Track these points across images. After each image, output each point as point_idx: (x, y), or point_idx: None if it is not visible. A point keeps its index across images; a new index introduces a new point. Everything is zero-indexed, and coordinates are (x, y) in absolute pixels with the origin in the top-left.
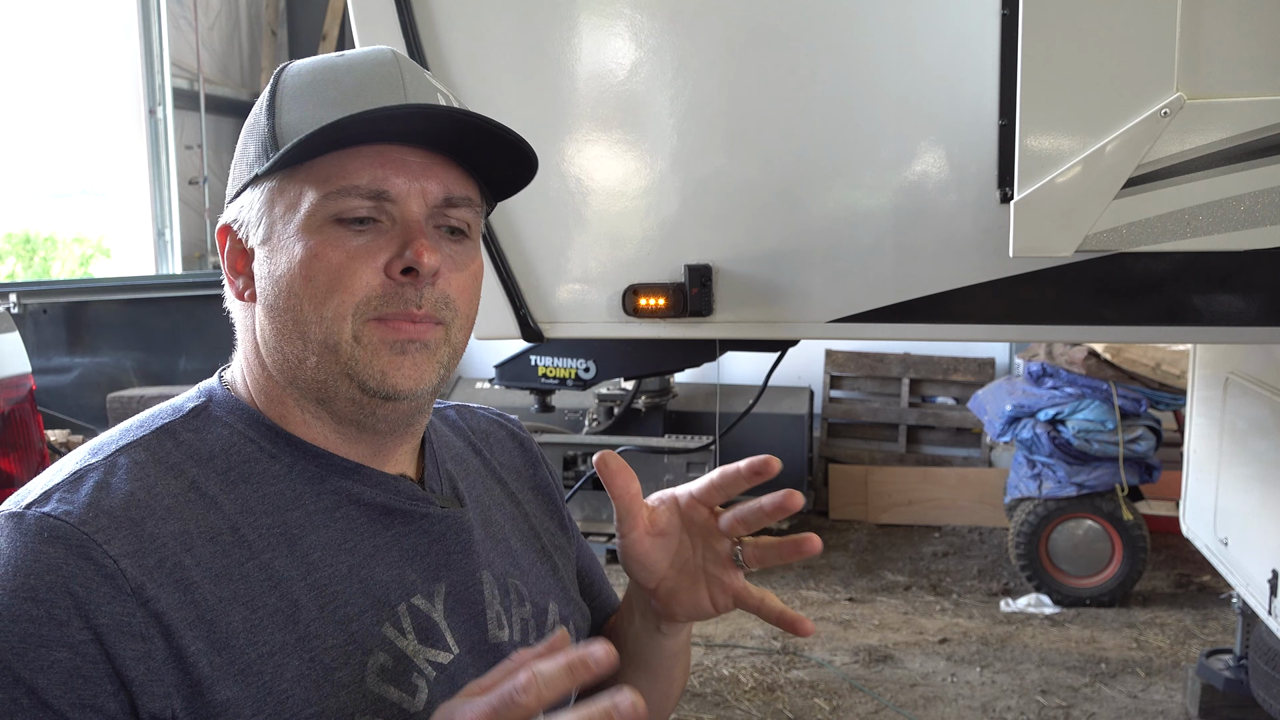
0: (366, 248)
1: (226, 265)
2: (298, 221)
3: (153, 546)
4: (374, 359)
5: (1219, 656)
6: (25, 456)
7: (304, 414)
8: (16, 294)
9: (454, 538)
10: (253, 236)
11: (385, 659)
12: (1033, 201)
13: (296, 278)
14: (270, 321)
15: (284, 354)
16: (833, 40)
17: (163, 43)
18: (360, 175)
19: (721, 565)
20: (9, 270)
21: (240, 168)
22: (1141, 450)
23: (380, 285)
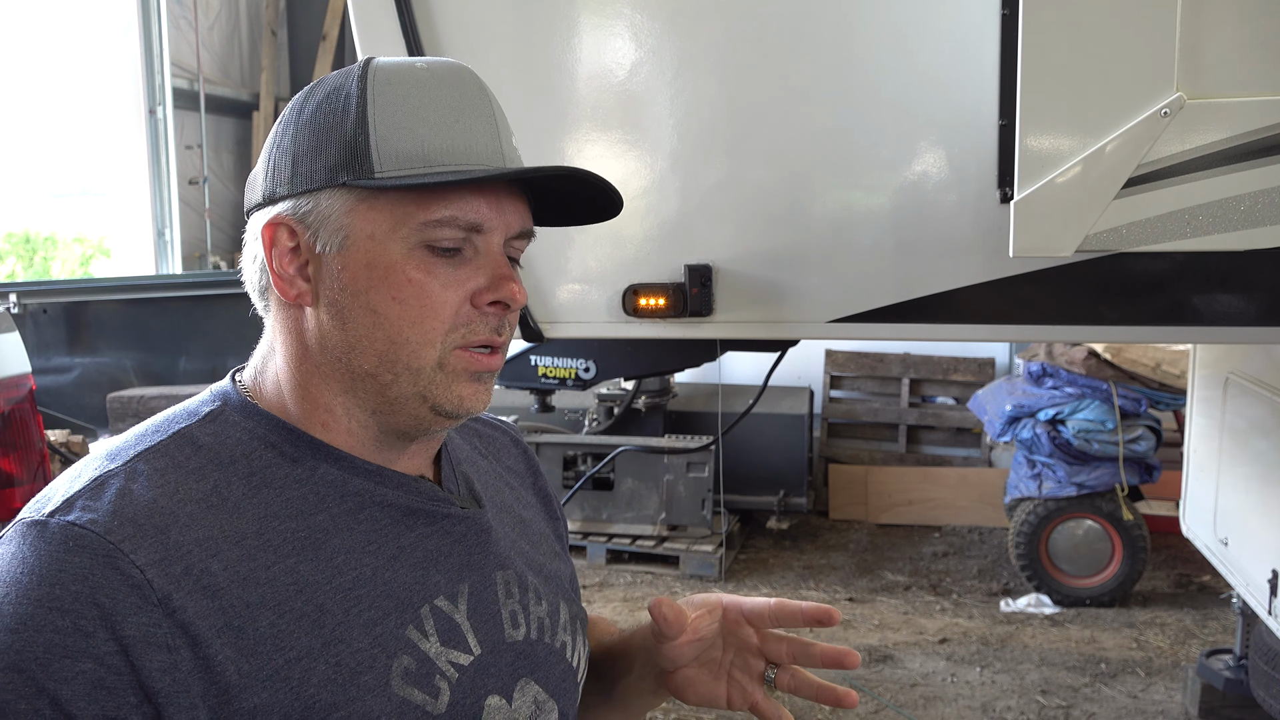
0: (457, 277)
1: (275, 262)
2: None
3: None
4: (454, 385)
5: (1219, 656)
6: (25, 456)
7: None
8: (16, 294)
9: (475, 538)
10: (324, 242)
11: (409, 661)
12: (1033, 201)
13: (384, 297)
14: (342, 333)
15: (350, 365)
16: (833, 40)
17: (163, 43)
18: (463, 210)
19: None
20: (9, 270)
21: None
22: (1141, 450)
23: (468, 314)
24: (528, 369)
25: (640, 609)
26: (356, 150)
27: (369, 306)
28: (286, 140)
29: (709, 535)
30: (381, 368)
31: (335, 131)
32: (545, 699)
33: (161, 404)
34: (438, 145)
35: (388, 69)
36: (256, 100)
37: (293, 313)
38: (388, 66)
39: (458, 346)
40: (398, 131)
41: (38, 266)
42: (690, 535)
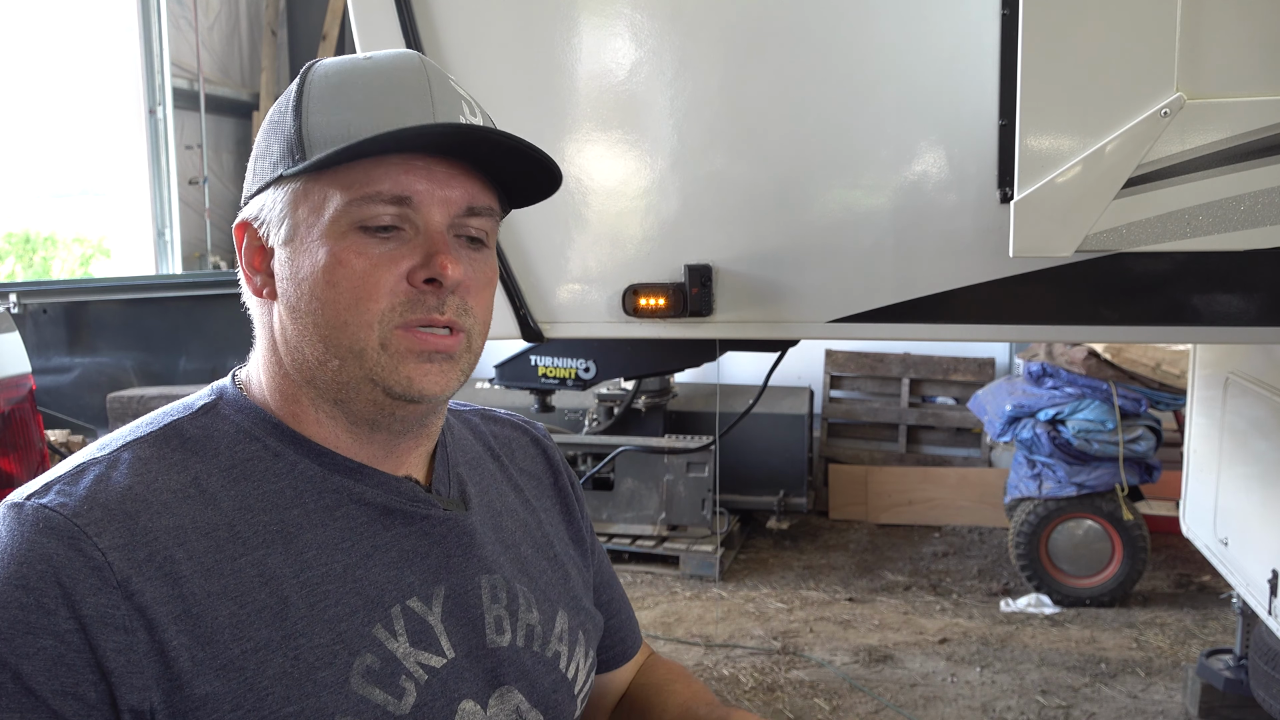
0: (390, 255)
1: (244, 261)
2: (322, 226)
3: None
4: (400, 365)
5: (1219, 656)
6: (25, 456)
7: (318, 413)
8: (16, 294)
9: (455, 540)
10: (273, 235)
11: (372, 660)
12: (1033, 201)
13: (320, 282)
14: (292, 322)
15: (304, 355)
16: (833, 40)
17: (163, 43)
18: (385, 183)
19: None
20: (9, 270)
21: (262, 165)
22: (1141, 450)
23: (404, 293)
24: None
25: (641, 609)
26: (291, 142)
27: (311, 294)
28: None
29: (709, 535)
30: (328, 354)
31: (278, 129)
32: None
33: (161, 404)
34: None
35: (327, 65)
36: (256, 100)
37: (266, 309)
38: (328, 63)
39: (397, 326)
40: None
41: (38, 266)
42: (690, 535)
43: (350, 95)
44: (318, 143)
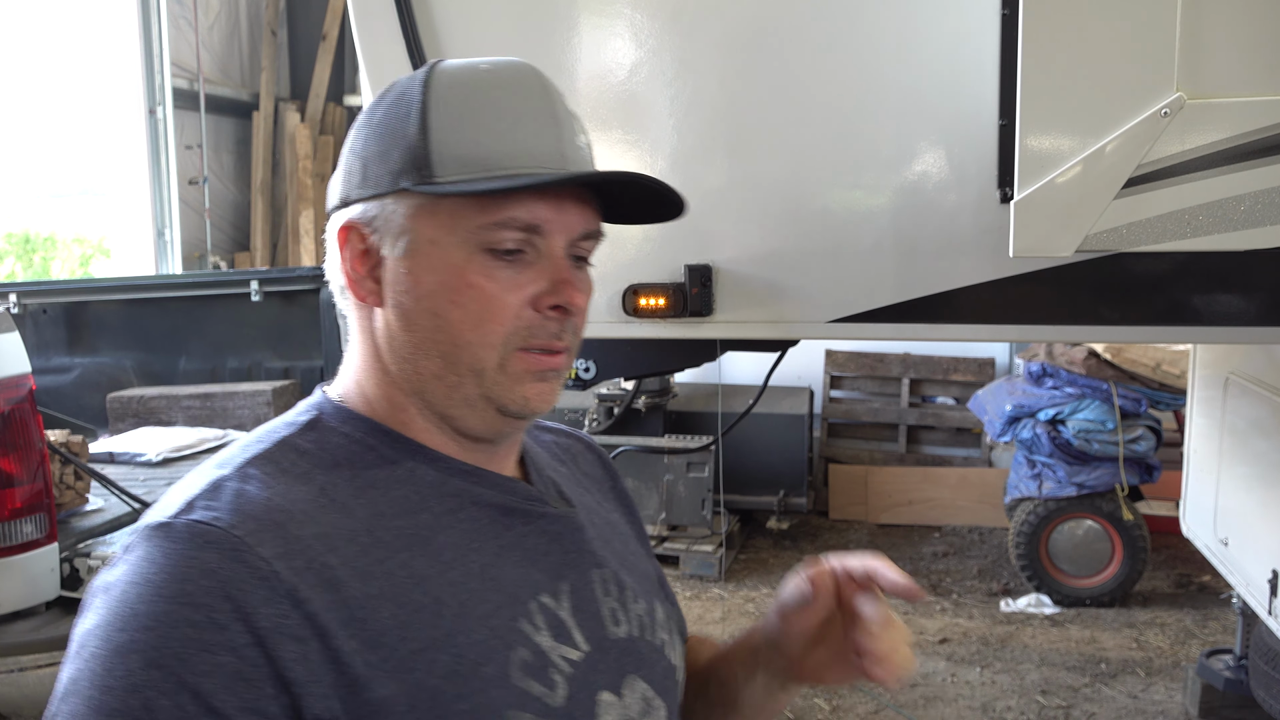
0: (516, 280)
1: (347, 264)
2: (449, 245)
3: (299, 548)
4: (517, 386)
5: (1219, 656)
6: (25, 456)
7: (424, 421)
8: (16, 294)
9: (570, 537)
10: (389, 245)
11: (526, 654)
12: (1033, 201)
13: (444, 301)
14: (407, 334)
15: (417, 367)
16: (833, 40)
17: (163, 43)
18: (519, 210)
19: None
20: (9, 270)
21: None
22: (1141, 450)
23: (529, 318)
24: None
25: None
26: (417, 156)
27: (431, 310)
28: (358, 144)
29: (709, 535)
30: (446, 370)
31: (399, 136)
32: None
33: (161, 404)
34: (497, 149)
35: (450, 72)
36: (256, 100)
37: (366, 314)
38: (450, 70)
39: (518, 349)
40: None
41: (37, 266)
42: (690, 535)
43: (480, 115)
44: (448, 161)
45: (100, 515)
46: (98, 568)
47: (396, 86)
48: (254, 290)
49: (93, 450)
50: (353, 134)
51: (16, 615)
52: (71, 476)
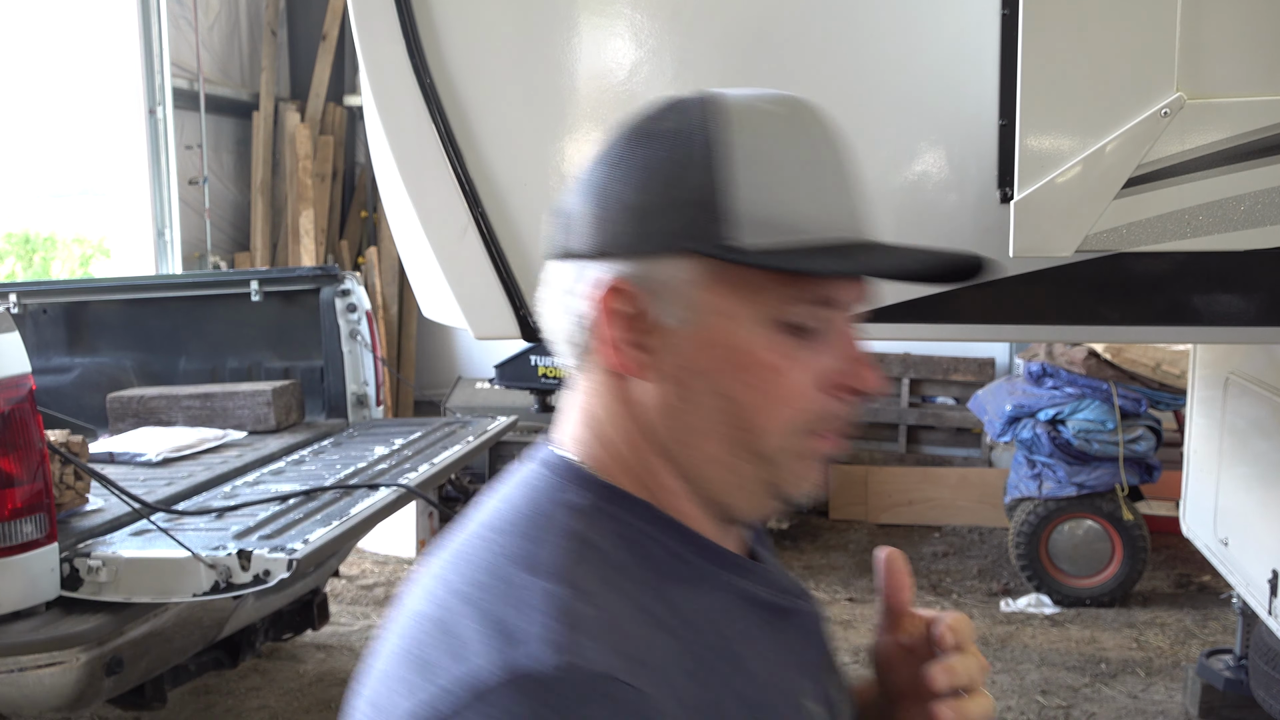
0: (809, 358)
1: (613, 331)
2: (744, 319)
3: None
4: (804, 471)
5: (1219, 656)
6: (25, 456)
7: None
8: (16, 294)
9: (816, 631)
10: (668, 314)
11: None
12: (1033, 201)
13: (733, 381)
14: (686, 415)
15: (696, 450)
16: (832, 40)
17: (163, 43)
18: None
19: None
20: (9, 270)
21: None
22: (1141, 450)
23: (822, 401)
24: (528, 369)
25: None
26: (710, 214)
27: (717, 389)
28: (617, 186)
29: None
30: (730, 455)
31: (682, 186)
32: None
33: (161, 404)
34: (803, 211)
35: (739, 112)
36: (256, 100)
37: (619, 382)
38: (738, 109)
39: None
40: (759, 195)
41: (37, 266)
42: None
43: (780, 169)
44: (748, 224)
45: (100, 515)
46: (98, 569)
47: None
48: (254, 290)
49: (93, 450)
50: (603, 172)
51: (16, 615)
52: (71, 476)
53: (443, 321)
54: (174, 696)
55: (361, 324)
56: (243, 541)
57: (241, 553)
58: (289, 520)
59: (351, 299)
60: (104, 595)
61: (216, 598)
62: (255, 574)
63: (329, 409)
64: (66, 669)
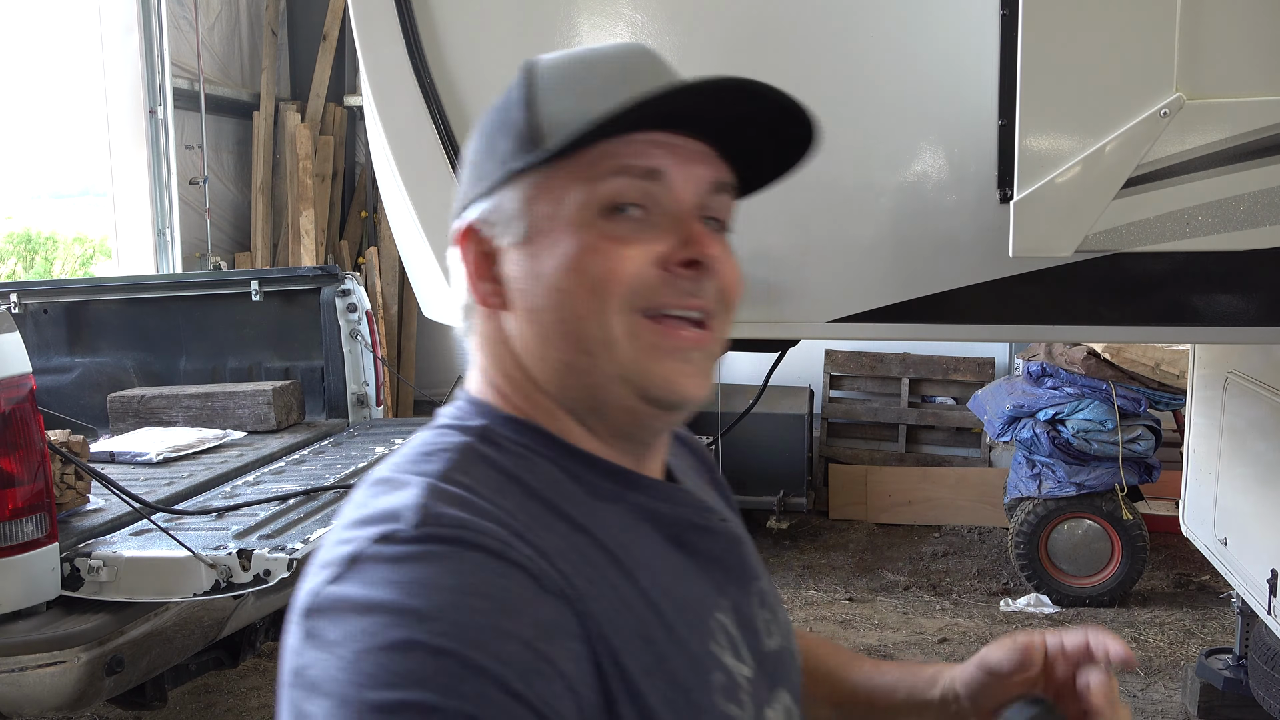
0: (640, 237)
1: (471, 270)
2: (564, 217)
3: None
4: (654, 363)
5: (1218, 656)
6: (25, 456)
7: (580, 426)
8: (16, 294)
9: (734, 551)
10: (505, 237)
11: (721, 677)
12: (1033, 201)
13: (566, 275)
14: (533, 326)
15: (550, 360)
16: (832, 40)
17: (163, 43)
18: (630, 157)
19: None
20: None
21: (487, 165)
22: (1141, 450)
23: (655, 276)
24: None
25: None
26: (523, 135)
27: (554, 287)
28: (468, 153)
29: None
30: (576, 352)
31: (504, 126)
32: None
33: (161, 404)
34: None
35: (552, 57)
36: (256, 100)
37: (496, 323)
38: (551, 56)
39: (643, 313)
40: (561, 105)
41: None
42: None
43: (586, 81)
44: (556, 130)
45: (100, 515)
46: (99, 568)
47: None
48: (254, 290)
49: (93, 450)
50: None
51: (17, 615)
52: (72, 476)
53: (443, 321)
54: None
55: (362, 324)
56: (243, 541)
57: (242, 552)
58: (289, 520)
59: (352, 299)
60: (104, 595)
61: (217, 597)
62: (255, 573)
63: (329, 409)
64: (67, 668)
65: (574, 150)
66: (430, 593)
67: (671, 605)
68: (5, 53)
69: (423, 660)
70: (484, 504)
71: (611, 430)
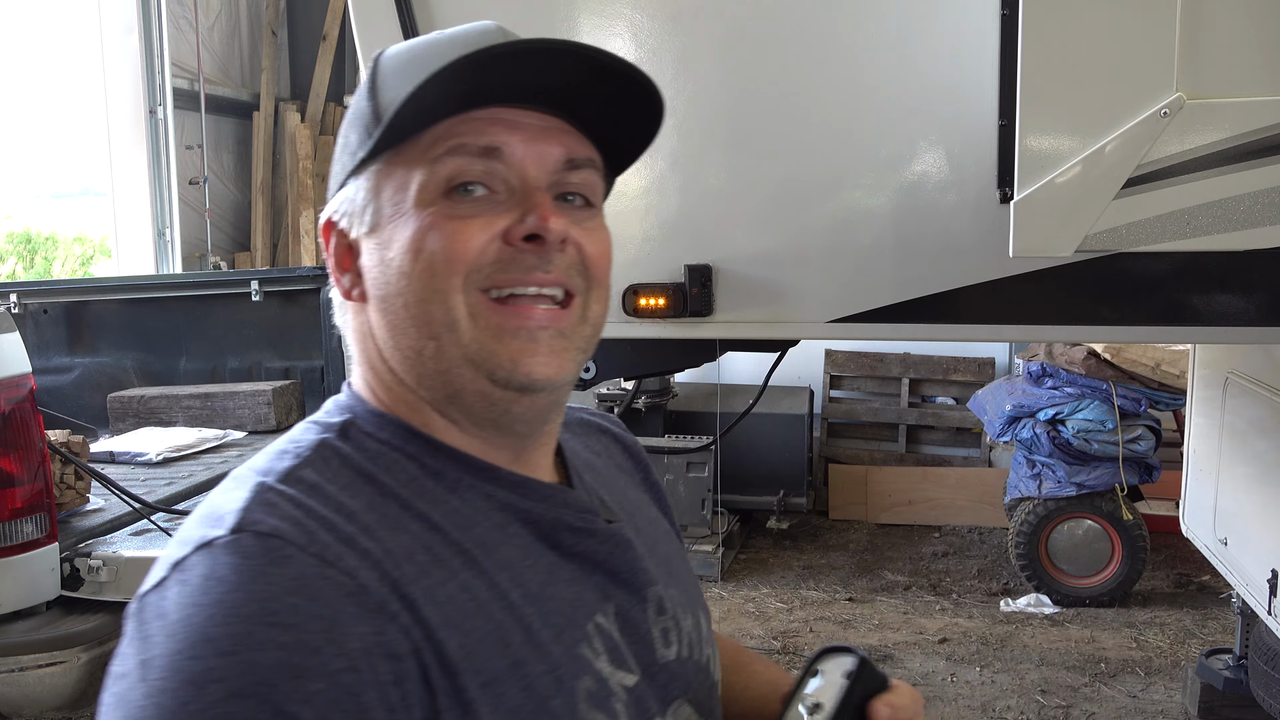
0: (482, 215)
1: (334, 263)
2: (408, 202)
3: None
4: (499, 343)
5: (1219, 656)
6: (25, 456)
7: (444, 419)
8: (16, 294)
9: (620, 554)
10: (358, 227)
11: (590, 683)
12: (1033, 201)
13: (408, 258)
14: (385, 315)
15: (402, 349)
16: (833, 40)
17: (163, 43)
18: (469, 135)
19: None
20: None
21: (342, 159)
22: (1141, 450)
23: (496, 251)
24: None
25: None
26: (368, 123)
27: (399, 271)
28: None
29: (709, 535)
30: (423, 338)
31: (354, 117)
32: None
33: (161, 404)
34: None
35: (400, 45)
36: (256, 100)
37: (359, 315)
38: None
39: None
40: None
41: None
42: (690, 535)
43: (426, 63)
44: None
45: (100, 515)
46: (99, 568)
47: None
48: (254, 290)
49: (93, 450)
50: None
51: (16, 615)
52: (72, 476)
53: None
54: None
55: None
56: None
57: None
58: None
59: None
60: (104, 595)
61: None
62: None
63: None
64: (67, 669)
65: (411, 134)
66: (232, 620)
67: (535, 607)
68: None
69: (215, 701)
70: (319, 507)
71: (474, 420)
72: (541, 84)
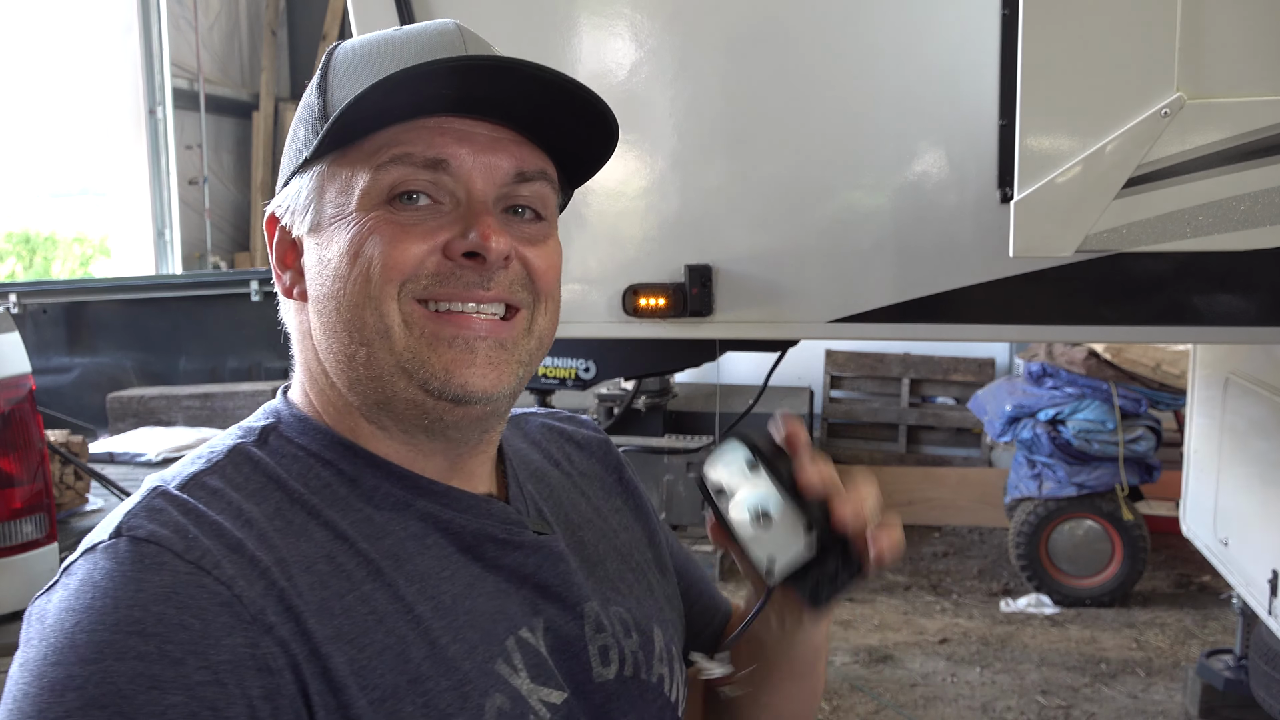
0: (424, 226)
1: (275, 259)
2: (350, 204)
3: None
4: (434, 352)
5: (1219, 656)
6: (25, 456)
7: (371, 425)
8: (16, 294)
9: (550, 568)
10: (299, 225)
11: (503, 700)
12: (1033, 201)
13: (345, 261)
14: (321, 317)
15: (335, 352)
16: (833, 40)
17: (163, 43)
18: (416, 144)
19: None
20: (9, 270)
21: (289, 154)
22: (1141, 450)
23: (435, 264)
24: None
25: None
26: (315, 121)
27: (335, 274)
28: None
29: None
30: (355, 343)
31: (303, 112)
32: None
33: (161, 404)
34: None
35: (355, 40)
36: (256, 100)
37: (299, 314)
38: (356, 39)
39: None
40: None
41: (38, 266)
42: (690, 535)
43: (379, 64)
44: None
45: (100, 515)
46: None
47: None
48: (254, 290)
49: (93, 450)
50: None
51: (17, 615)
52: (71, 476)
53: None
54: None
55: None
56: None
57: None
58: None
59: None
60: None
61: None
62: None
63: None
64: None
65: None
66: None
67: (446, 621)
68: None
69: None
70: (211, 513)
71: (404, 427)
72: (492, 96)
